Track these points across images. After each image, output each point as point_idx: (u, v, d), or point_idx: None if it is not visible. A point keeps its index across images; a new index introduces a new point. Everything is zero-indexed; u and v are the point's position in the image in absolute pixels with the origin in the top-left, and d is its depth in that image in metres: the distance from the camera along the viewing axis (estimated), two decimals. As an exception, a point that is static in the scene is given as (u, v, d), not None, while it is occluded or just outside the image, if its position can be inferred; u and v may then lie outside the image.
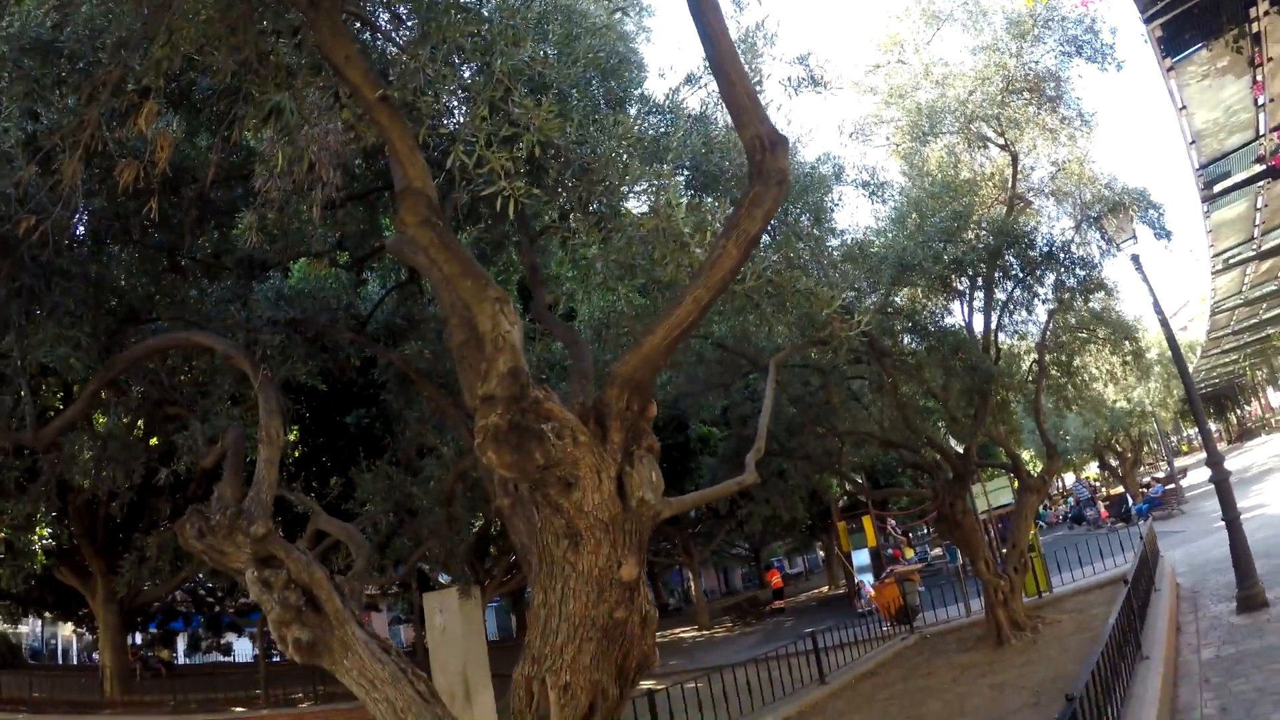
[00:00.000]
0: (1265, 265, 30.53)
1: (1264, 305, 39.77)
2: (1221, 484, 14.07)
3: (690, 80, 8.95)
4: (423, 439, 10.90)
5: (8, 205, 6.31)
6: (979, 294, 16.80)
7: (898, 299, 14.60)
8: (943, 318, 16.70)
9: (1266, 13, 12.58)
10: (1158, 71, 13.89)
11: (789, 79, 9.08)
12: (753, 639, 30.10)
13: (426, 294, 11.24)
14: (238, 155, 9.21)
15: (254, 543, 5.30)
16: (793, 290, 6.79)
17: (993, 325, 16.71)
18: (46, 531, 20.11)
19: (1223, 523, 13.87)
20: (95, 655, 42.14)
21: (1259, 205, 21.72)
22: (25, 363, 7.82)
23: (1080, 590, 19.66)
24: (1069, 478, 65.25)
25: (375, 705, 5.26)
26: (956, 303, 16.97)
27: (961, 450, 17.36)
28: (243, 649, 44.26)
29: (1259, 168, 18.43)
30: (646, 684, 18.34)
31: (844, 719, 13.76)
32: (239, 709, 21.77)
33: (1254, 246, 26.29)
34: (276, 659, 40.03)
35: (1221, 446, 78.47)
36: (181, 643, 40.91)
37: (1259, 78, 14.44)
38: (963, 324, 16.85)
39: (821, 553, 61.31)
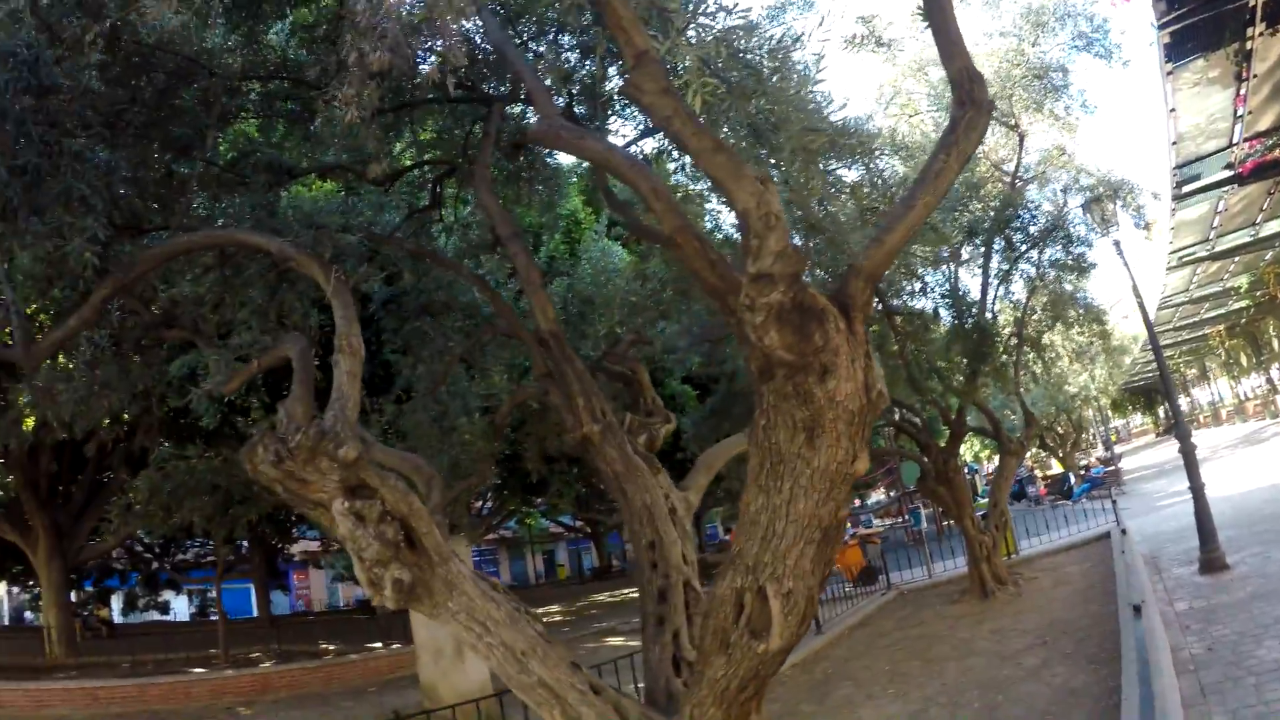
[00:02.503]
0: (1214, 267, 32.29)
1: (1206, 305, 41.38)
2: (1189, 455, 14.91)
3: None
4: (450, 370, 10.13)
5: (17, 71, 5.48)
6: (976, 264, 17.36)
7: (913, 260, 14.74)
8: (952, 281, 17.09)
9: (1261, 34, 13.61)
10: (1157, 73, 14.67)
11: (854, 36, 8.72)
12: (711, 598, 30.12)
13: (444, 221, 10.57)
14: (255, 52, 8.49)
15: (342, 469, 4.57)
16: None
17: (989, 295, 17.16)
18: (-7, 479, 18.80)
19: (1165, 503, 14.68)
20: (28, 615, 40.66)
21: (1219, 209, 23.19)
22: (12, 264, 6.92)
23: (1046, 553, 20.37)
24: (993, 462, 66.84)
25: (490, 650, 4.70)
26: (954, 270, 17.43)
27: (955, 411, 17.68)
28: (179, 607, 43.04)
29: (1227, 173, 19.77)
30: (635, 642, 18.22)
31: (852, 664, 13.82)
32: (199, 670, 20.82)
33: (1208, 247, 27.75)
34: (213, 617, 39.11)
35: (1149, 439, 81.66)
36: (117, 601, 39.42)
37: (1243, 91, 15.54)
38: (963, 290, 17.33)
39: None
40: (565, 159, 11.98)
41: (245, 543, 28.89)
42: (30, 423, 14.41)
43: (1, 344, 7.37)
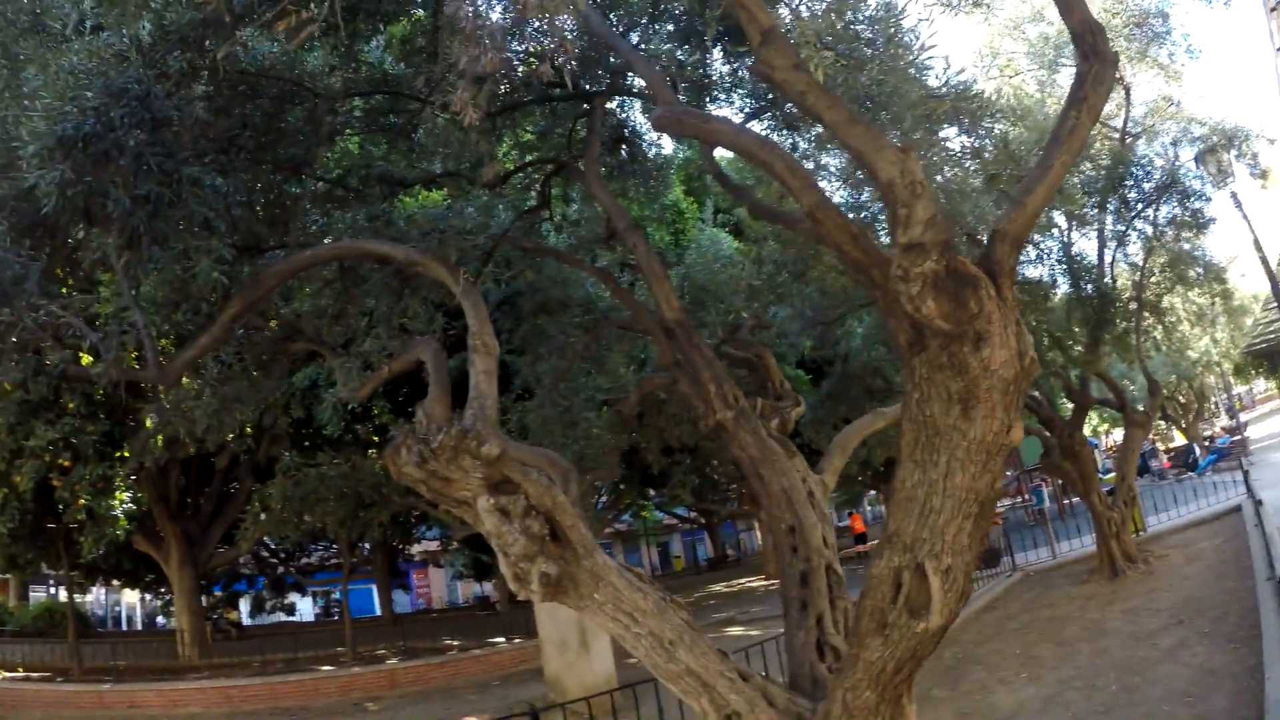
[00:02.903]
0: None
1: (1330, 254, 38.97)
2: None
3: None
4: (573, 366, 10.29)
5: (129, 106, 5.70)
6: (1091, 227, 16.82)
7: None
8: (1065, 246, 16.55)
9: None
10: (1260, 11, 13.92)
11: (950, -1, 8.49)
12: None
13: (553, 220, 10.72)
14: (354, 70, 8.74)
15: (485, 466, 4.64)
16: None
17: (1106, 258, 16.64)
18: (126, 496, 19.78)
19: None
20: (161, 620, 42.75)
21: (1335, 146, 21.68)
22: (138, 285, 7.20)
23: (1175, 529, 19.71)
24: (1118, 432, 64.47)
25: (637, 640, 4.72)
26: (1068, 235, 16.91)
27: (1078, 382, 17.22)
28: (304, 608, 44.83)
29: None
30: (755, 631, 18.22)
31: (981, 648, 13.58)
32: (327, 667, 21.53)
33: (1327, 188, 26.07)
34: (336, 617, 40.62)
35: (1275, 404, 77.76)
36: (245, 604, 41.15)
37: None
38: (1079, 255, 16.79)
39: (870, 506, 61.04)
40: (666, 148, 12.03)
41: (367, 544, 29.84)
42: (159, 441, 15.08)
43: (129, 367, 7.68)
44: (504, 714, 12.57)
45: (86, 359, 8.78)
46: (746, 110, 9.48)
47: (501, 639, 23.78)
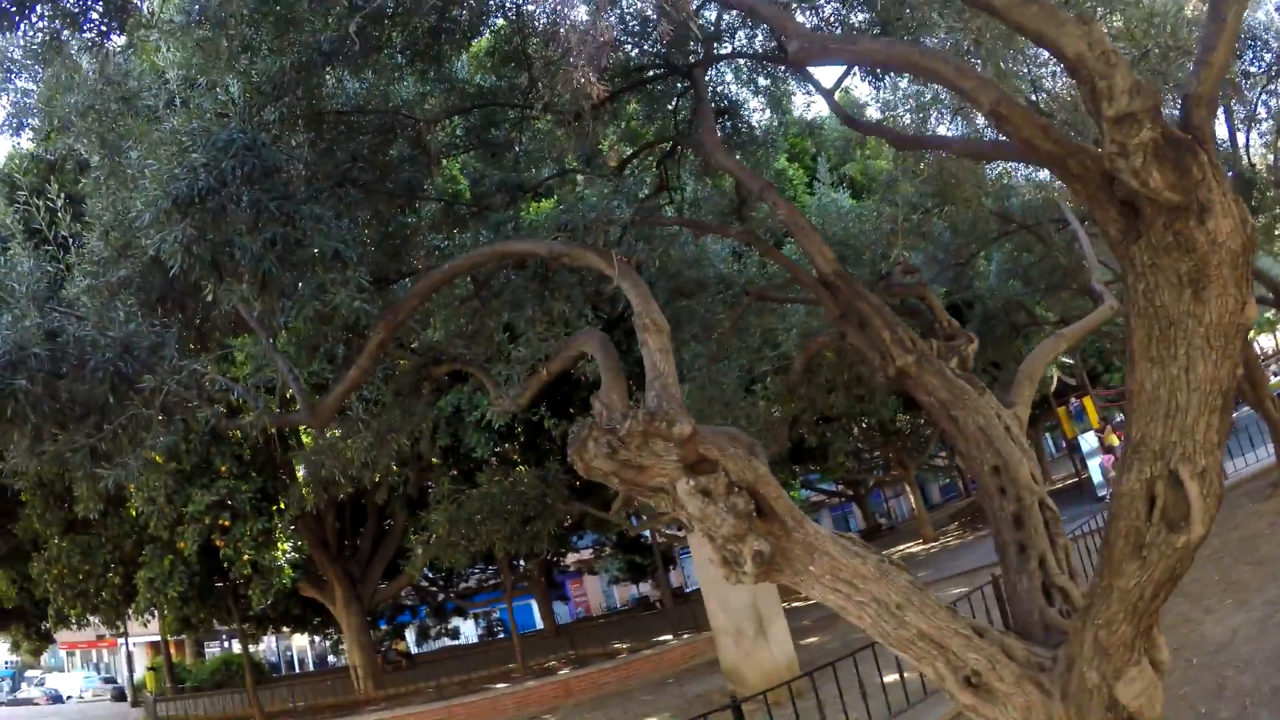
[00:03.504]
0: None
1: None
2: None
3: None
4: (726, 343, 10.09)
5: (239, 157, 5.76)
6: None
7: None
8: None
9: None
10: None
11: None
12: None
13: (674, 202, 10.57)
14: (448, 90, 8.75)
15: (679, 447, 4.44)
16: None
17: (1239, 141, 15.53)
18: (287, 546, 20.54)
19: None
20: (332, 659, 44.45)
21: None
22: (276, 334, 7.30)
23: None
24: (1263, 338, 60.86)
25: (861, 610, 4.45)
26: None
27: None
28: (467, 631, 46.13)
29: None
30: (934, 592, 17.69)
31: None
32: (501, 685, 21.86)
33: None
34: (502, 636, 41.52)
35: None
36: (411, 634, 42.47)
37: None
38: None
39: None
40: (765, 116, 11.77)
41: (523, 561, 30.45)
42: (311, 489, 15.52)
43: (280, 414, 7.81)
44: (684, 710, 12.45)
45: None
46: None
47: (669, 636, 23.85)
